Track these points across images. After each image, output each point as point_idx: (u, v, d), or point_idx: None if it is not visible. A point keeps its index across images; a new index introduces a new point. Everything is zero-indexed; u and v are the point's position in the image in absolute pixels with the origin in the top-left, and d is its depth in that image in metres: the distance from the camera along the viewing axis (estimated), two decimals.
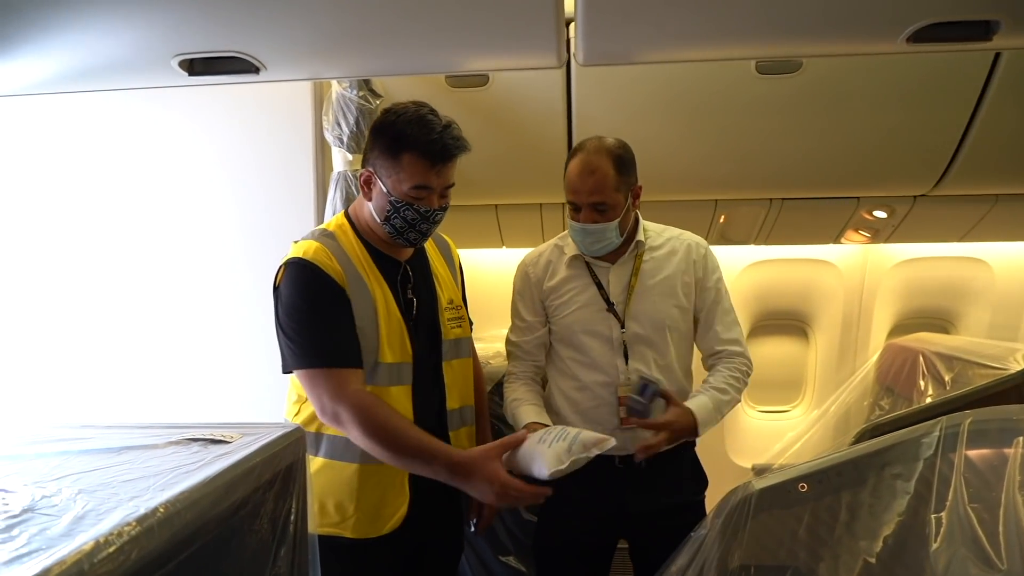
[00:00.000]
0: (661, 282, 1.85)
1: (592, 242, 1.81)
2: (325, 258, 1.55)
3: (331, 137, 2.13)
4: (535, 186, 2.76)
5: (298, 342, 1.54)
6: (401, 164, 1.52)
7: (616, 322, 1.84)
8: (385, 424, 1.49)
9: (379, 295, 1.59)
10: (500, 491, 1.45)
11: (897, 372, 3.09)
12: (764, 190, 2.79)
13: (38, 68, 1.41)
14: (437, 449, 1.51)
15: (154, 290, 2.33)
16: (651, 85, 2.34)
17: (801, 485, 1.69)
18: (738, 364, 1.86)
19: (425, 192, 1.55)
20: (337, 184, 2.11)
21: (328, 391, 1.51)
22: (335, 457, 1.59)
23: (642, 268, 1.86)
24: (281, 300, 1.56)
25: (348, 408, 1.49)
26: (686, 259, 1.87)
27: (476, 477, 1.47)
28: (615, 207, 1.76)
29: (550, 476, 1.47)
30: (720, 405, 1.79)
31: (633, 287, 1.85)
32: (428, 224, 1.59)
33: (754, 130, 2.44)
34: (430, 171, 1.53)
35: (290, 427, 1.34)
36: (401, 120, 1.53)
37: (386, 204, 1.56)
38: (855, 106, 2.36)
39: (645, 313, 1.83)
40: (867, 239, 3.13)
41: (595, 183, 1.74)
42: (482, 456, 1.51)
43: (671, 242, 1.89)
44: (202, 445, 1.24)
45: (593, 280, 1.88)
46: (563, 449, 1.51)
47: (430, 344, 1.69)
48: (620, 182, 1.76)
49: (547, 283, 1.92)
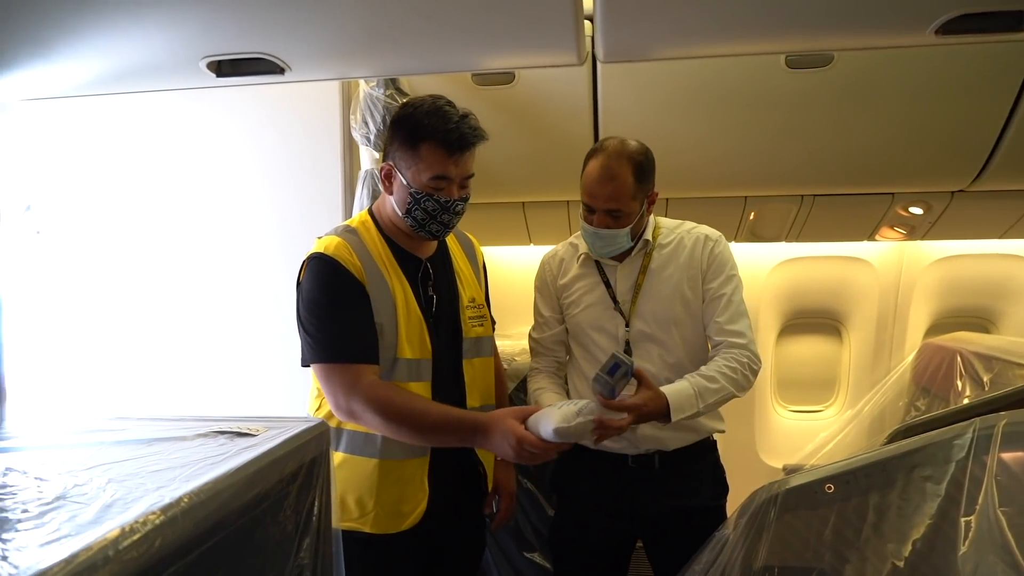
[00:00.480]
0: (667, 279, 1.83)
1: (602, 246, 1.81)
2: (345, 253, 1.57)
3: (359, 136, 2.16)
4: (562, 183, 2.74)
5: (315, 336, 1.56)
6: (419, 155, 1.54)
7: (622, 320, 1.83)
8: (403, 409, 1.52)
9: (399, 291, 1.61)
10: (517, 446, 1.46)
11: (934, 372, 3.01)
12: (795, 186, 2.74)
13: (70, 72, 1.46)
14: (459, 417, 1.55)
15: (186, 288, 2.40)
16: (678, 80, 2.32)
17: (828, 486, 1.66)
18: (736, 355, 1.74)
19: (444, 182, 1.56)
20: (364, 182, 2.14)
21: (342, 386, 1.53)
22: (355, 452, 1.62)
23: (650, 266, 1.84)
24: (301, 294, 1.60)
25: (362, 401, 1.51)
26: (693, 253, 1.83)
27: (495, 432, 1.49)
28: (630, 215, 1.75)
29: (554, 433, 1.47)
30: (703, 392, 1.67)
31: (640, 285, 1.83)
32: (449, 215, 1.60)
33: (784, 125, 2.40)
34: (448, 160, 1.54)
35: (314, 421, 1.37)
36: (419, 112, 1.55)
37: (406, 196, 1.58)
38: (888, 100, 2.30)
39: (651, 311, 1.82)
40: (903, 236, 3.06)
41: (613, 191, 1.72)
42: (500, 414, 1.55)
43: (682, 237, 1.86)
44: (228, 438, 1.27)
45: (601, 278, 1.88)
46: (572, 411, 1.51)
47: (450, 341, 1.70)
48: (637, 190, 1.74)
49: (560, 280, 1.93)
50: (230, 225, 2.38)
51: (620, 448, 1.82)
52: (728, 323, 1.77)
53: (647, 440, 1.81)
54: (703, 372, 1.73)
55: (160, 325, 2.41)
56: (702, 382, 1.69)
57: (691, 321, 1.83)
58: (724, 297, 1.79)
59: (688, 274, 1.82)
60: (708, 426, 1.85)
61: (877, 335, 3.43)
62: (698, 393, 1.67)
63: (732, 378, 1.71)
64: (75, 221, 2.41)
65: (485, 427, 1.51)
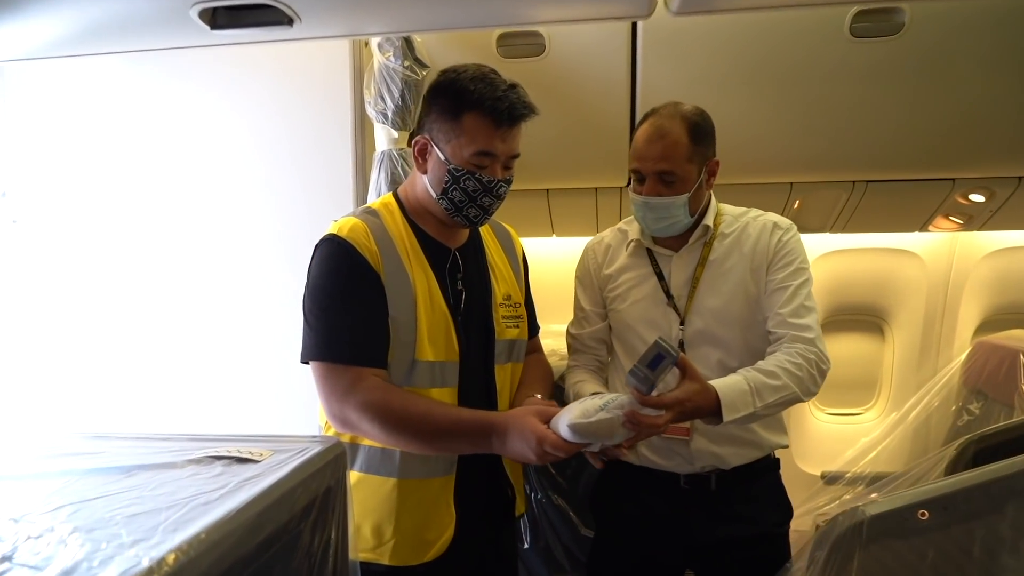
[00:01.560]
0: (729, 271, 1.60)
1: (656, 219, 1.57)
2: (362, 237, 1.37)
3: (374, 112, 1.92)
4: (592, 168, 2.53)
5: (316, 329, 1.37)
6: (462, 126, 1.35)
7: (676, 317, 1.61)
8: (403, 412, 1.33)
9: (421, 283, 1.40)
10: (538, 446, 1.28)
11: (991, 373, 2.79)
12: (848, 171, 2.51)
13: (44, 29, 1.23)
14: (470, 419, 1.36)
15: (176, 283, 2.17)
16: (728, 53, 2.09)
17: (921, 512, 1.44)
18: (801, 350, 1.48)
19: (488, 159, 1.36)
20: (381, 165, 1.90)
21: (337, 390, 1.34)
22: (371, 471, 1.42)
23: (710, 256, 1.61)
24: (309, 280, 1.40)
25: (357, 407, 1.32)
26: (759, 242, 1.60)
27: (512, 433, 1.31)
28: (685, 180, 1.53)
29: (570, 430, 1.26)
30: (761, 389, 1.41)
31: (698, 278, 1.61)
32: (491, 198, 1.39)
33: (843, 102, 2.16)
34: (495, 134, 1.35)
35: (328, 442, 1.15)
36: (463, 77, 1.35)
37: (444, 174, 1.38)
38: (960, 73, 2.07)
39: (710, 308, 1.59)
40: (958, 226, 2.83)
41: (664, 149, 1.51)
42: (518, 412, 1.36)
43: (747, 224, 1.63)
44: (226, 464, 1.05)
45: (654, 270, 1.66)
46: (595, 405, 1.29)
47: (481, 343, 1.49)
48: (693, 152, 1.52)
49: (606, 269, 1.72)
50: (225, 214, 2.14)
51: (672, 465, 1.61)
52: (793, 316, 1.52)
53: (703, 456, 1.59)
54: (761, 367, 1.47)
55: (148, 323, 2.18)
56: (760, 377, 1.43)
57: (755, 321, 1.59)
58: (789, 288, 1.54)
59: (752, 266, 1.59)
60: (771, 440, 1.63)
61: (924, 333, 3.20)
62: (754, 390, 1.41)
63: (796, 376, 1.45)
64: (56, 209, 2.18)
65: (502, 427, 1.32)
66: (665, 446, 1.60)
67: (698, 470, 1.60)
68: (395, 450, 1.39)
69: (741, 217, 1.65)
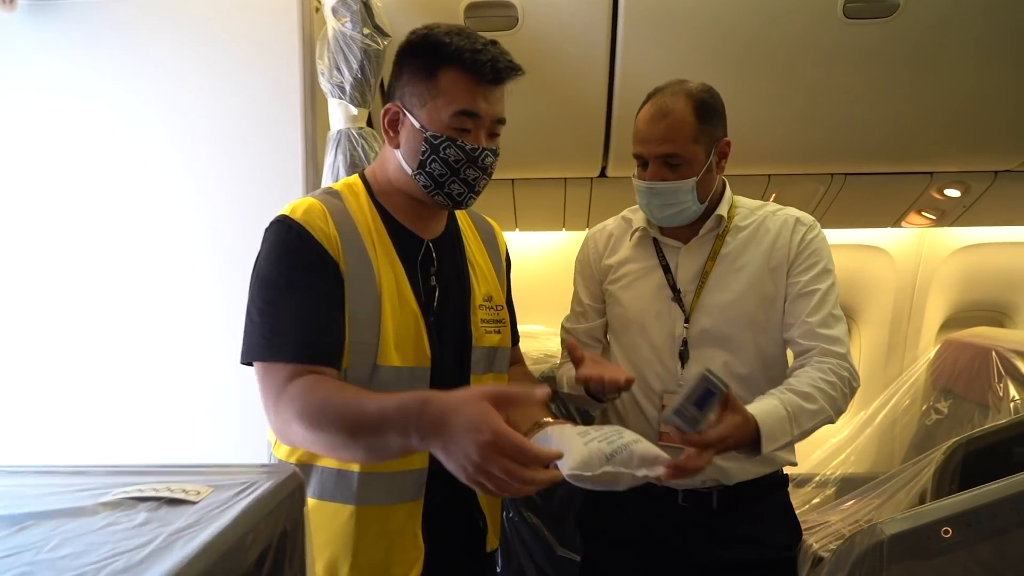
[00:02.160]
0: (743, 268, 1.45)
1: (661, 205, 1.42)
2: (319, 220, 1.16)
3: (329, 86, 1.69)
4: (563, 156, 2.35)
5: (259, 324, 1.14)
6: (439, 85, 1.15)
7: (681, 314, 1.46)
8: (323, 406, 1.04)
9: (387, 276, 1.20)
10: (489, 443, 0.88)
11: (961, 372, 2.75)
12: (828, 163, 2.41)
13: None
14: (396, 401, 0.99)
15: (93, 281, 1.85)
16: (714, 32, 1.94)
17: (945, 530, 1.32)
18: (834, 367, 1.35)
19: (471, 121, 1.17)
20: (338, 145, 1.67)
21: (271, 392, 1.11)
22: (325, 496, 1.20)
23: (722, 250, 1.46)
24: (255, 268, 1.18)
25: (286, 411, 1.07)
26: (779, 239, 1.45)
27: (456, 422, 0.91)
28: (691, 162, 1.38)
29: (568, 476, 1.04)
30: (798, 415, 1.27)
31: (708, 273, 1.46)
32: (476, 170, 1.19)
33: (832, 88, 2.05)
34: (477, 90, 1.15)
35: (283, 471, 0.93)
36: (438, 31, 1.17)
37: (420, 144, 1.17)
38: (950, 60, 1.99)
39: (720, 306, 1.44)
40: (930, 222, 2.78)
41: (667, 129, 1.37)
42: (467, 394, 0.95)
43: (765, 219, 1.49)
44: (152, 508, 0.82)
45: (660, 262, 1.50)
46: (601, 452, 1.06)
47: (456, 349, 1.29)
48: (700, 132, 1.38)
49: (607, 259, 1.56)
50: (149, 204, 1.84)
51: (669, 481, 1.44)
52: (822, 326, 1.38)
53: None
54: (796, 387, 1.32)
55: (58, 323, 1.87)
56: (797, 401, 1.28)
57: (769, 324, 1.45)
58: (817, 293, 1.40)
59: (771, 264, 1.44)
60: (781, 457, 1.48)
61: (891, 331, 3.16)
62: (792, 416, 1.26)
63: (831, 396, 1.32)
64: None
65: (440, 413, 0.92)
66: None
67: (698, 485, 1.45)
68: (352, 471, 1.17)
69: (758, 210, 1.51)
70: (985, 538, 1.28)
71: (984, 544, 1.27)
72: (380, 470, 1.17)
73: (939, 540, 1.29)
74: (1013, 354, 2.50)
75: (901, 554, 1.29)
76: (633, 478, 1.09)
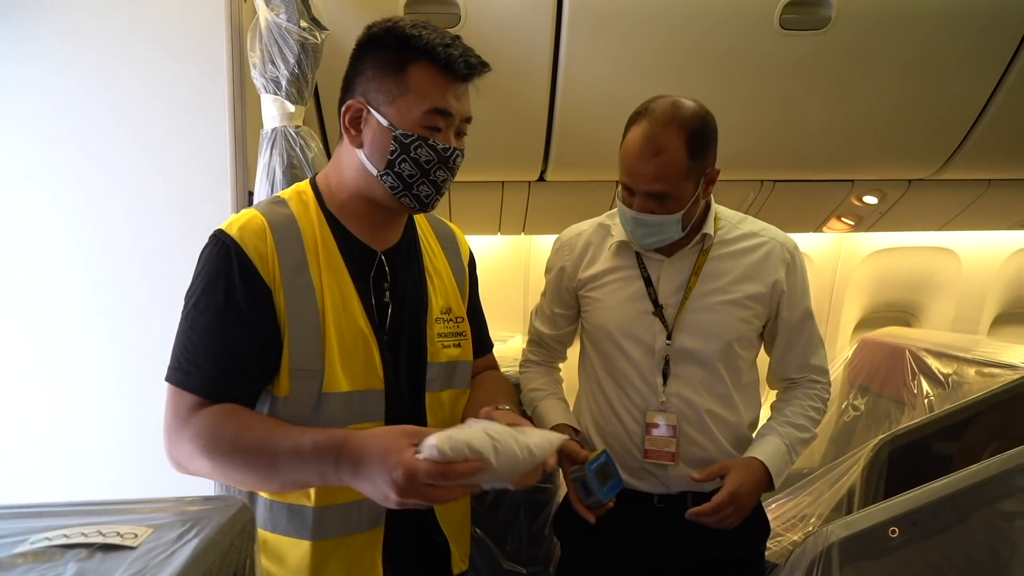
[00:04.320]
0: (729, 286, 1.44)
1: (645, 235, 1.40)
2: (253, 236, 1.08)
3: (262, 80, 1.57)
4: (502, 159, 2.31)
5: (176, 343, 1.09)
6: (408, 81, 1.07)
7: (662, 330, 1.43)
8: (235, 443, 1.01)
9: (333, 295, 1.11)
10: (405, 477, 0.90)
11: (877, 370, 2.89)
12: (760, 169, 2.47)
13: None
14: (311, 441, 0.99)
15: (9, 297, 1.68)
16: (656, 38, 1.94)
17: (892, 530, 1.36)
18: (819, 392, 1.51)
19: (443, 120, 1.10)
20: (272, 146, 1.54)
21: (172, 418, 1.06)
22: (278, 530, 1.12)
23: (706, 266, 1.45)
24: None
25: (187, 442, 1.03)
26: (767, 261, 1.46)
27: (371, 457, 0.94)
28: (680, 199, 1.35)
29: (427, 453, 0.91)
30: (795, 445, 1.44)
31: (691, 288, 1.44)
32: (446, 171, 1.13)
33: (768, 97, 2.10)
34: (449, 87, 1.09)
35: (230, 505, 0.85)
36: (402, 24, 1.09)
37: (388, 143, 1.09)
38: (878, 71, 2.07)
39: (702, 323, 1.43)
40: (849, 228, 2.90)
41: (659, 169, 1.31)
42: (380, 432, 0.99)
43: (750, 237, 1.49)
44: (84, 558, 0.72)
45: (641, 274, 1.47)
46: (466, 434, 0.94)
47: (412, 367, 1.21)
48: (691, 167, 1.33)
49: (583, 272, 1.52)
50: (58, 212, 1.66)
51: (646, 487, 1.47)
52: (812, 355, 1.51)
53: (680, 482, 1.45)
54: (791, 419, 1.46)
55: None
56: (795, 433, 1.45)
57: (749, 345, 1.47)
58: (806, 327, 1.49)
59: (757, 290, 1.44)
60: None
61: None
62: (791, 448, 1.43)
63: (817, 421, 1.49)
64: None
65: (355, 449, 0.96)
66: (641, 468, 1.46)
67: (671, 491, 1.46)
68: (306, 506, 1.09)
69: (740, 225, 1.51)
70: (927, 536, 1.32)
71: (928, 542, 1.32)
72: (336, 501, 1.10)
73: (887, 540, 1.32)
74: (925, 352, 2.64)
75: (852, 556, 1.32)
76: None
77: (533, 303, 1.62)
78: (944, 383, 2.48)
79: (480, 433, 0.95)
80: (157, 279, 1.63)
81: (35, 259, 1.67)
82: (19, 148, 1.65)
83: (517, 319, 3.11)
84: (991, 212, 2.83)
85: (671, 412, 1.43)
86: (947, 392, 2.44)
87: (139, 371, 1.62)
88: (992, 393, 2.16)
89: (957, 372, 2.50)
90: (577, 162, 2.33)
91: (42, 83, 1.64)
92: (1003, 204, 2.76)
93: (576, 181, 2.46)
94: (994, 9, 1.94)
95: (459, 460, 0.91)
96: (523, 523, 1.96)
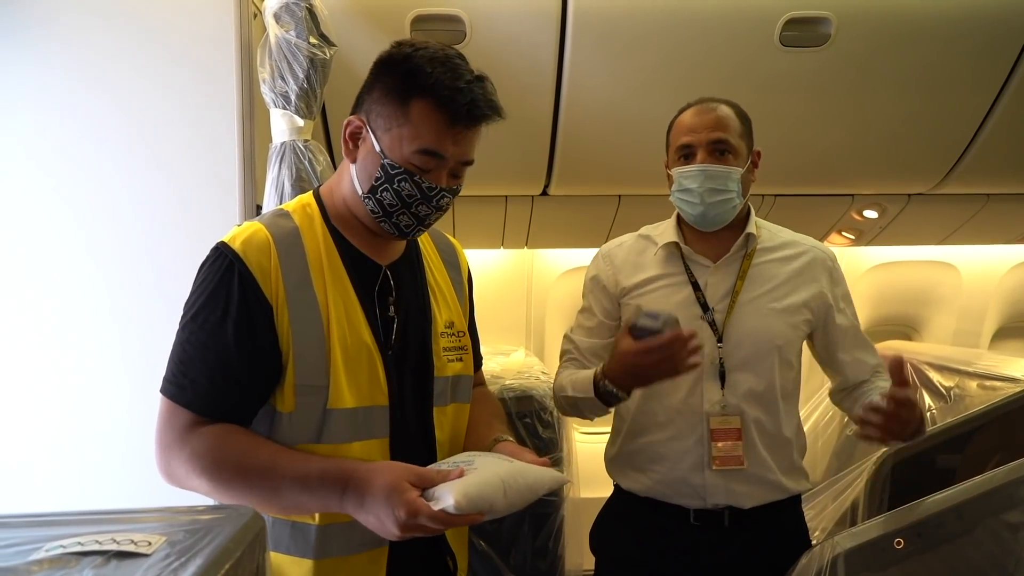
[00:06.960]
0: (775, 291, 1.46)
1: (712, 189, 1.42)
2: (256, 251, 1.07)
3: (272, 95, 1.59)
4: (506, 173, 2.33)
5: (172, 356, 1.08)
6: (408, 114, 1.06)
7: (712, 335, 1.44)
8: (239, 466, 1.03)
9: (338, 310, 1.11)
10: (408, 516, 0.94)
11: None
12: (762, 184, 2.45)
13: None
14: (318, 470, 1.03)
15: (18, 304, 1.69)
16: (659, 55, 1.98)
17: (897, 541, 1.36)
18: (884, 379, 1.53)
19: (434, 161, 1.08)
20: (281, 159, 1.57)
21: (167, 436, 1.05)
22: (280, 548, 1.11)
23: (751, 271, 1.47)
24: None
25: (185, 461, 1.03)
26: (810, 268, 1.50)
27: (375, 492, 0.98)
28: (737, 154, 1.44)
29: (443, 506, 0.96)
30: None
31: (738, 292, 1.45)
32: (429, 208, 1.12)
33: (768, 113, 2.10)
34: (447, 132, 1.07)
35: (242, 515, 0.85)
36: (421, 55, 1.06)
37: (375, 169, 1.09)
38: (878, 87, 2.10)
39: (749, 327, 1.44)
40: (849, 242, 2.92)
41: (717, 119, 1.43)
42: (385, 467, 1.02)
43: (792, 245, 1.53)
44: (99, 565, 0.72)
45: (689, 279, 1.48)
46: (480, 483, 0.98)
47: (418, 382, 1.21)
48: (744, 131, 1.46)
49: (627, 280, 1.53)
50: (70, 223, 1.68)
51: (681, 500, 1.45)
52: (872, 357, 1.55)
53: (716, 492, 1.43)
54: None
55: None
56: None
57: (792, 350, 1.48)
58: (858, 331, 1.56)
59: (803, 296, 1.47)
60: (792, 487, 1.50)
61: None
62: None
63: None
64: None
65: (361, 482, 1.00)
66: (679, 479, 1.44)
67: (710, 507, 1.44)
68: (309, 524, 1.09)
69: (779, 234, 1.56)
70: (932, 547, 1.33)
71: (933, 553, 1.32)
72: (340, 520, 1.08)
73: (892, 551, 1.33)
74: (927, 366, 2.64)
75: (858, 566, 1.32)
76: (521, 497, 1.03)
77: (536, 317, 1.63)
78: (946, 396, 2.49)
79: (494, 479, 0.99)
80: (166, 290, 1.64)
81: (46, 270, 1.69)
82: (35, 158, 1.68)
83: (520, 333, 3.11)
84: (990, 226, 2.85)
85: (733, 415, 1.42)
86: (949, 405, 2.45)
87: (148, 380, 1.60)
88: (994, 406, 2.17)
89: (959, 385, 2.51)
90: (581, 177, 2.36)
91: (57, 95, 1.67)
92: (1002, 218, 2.78)
93: (580, 196, 2.48)
94: (992, 26, 1.97)
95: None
96: (527, 536, 1.96)
